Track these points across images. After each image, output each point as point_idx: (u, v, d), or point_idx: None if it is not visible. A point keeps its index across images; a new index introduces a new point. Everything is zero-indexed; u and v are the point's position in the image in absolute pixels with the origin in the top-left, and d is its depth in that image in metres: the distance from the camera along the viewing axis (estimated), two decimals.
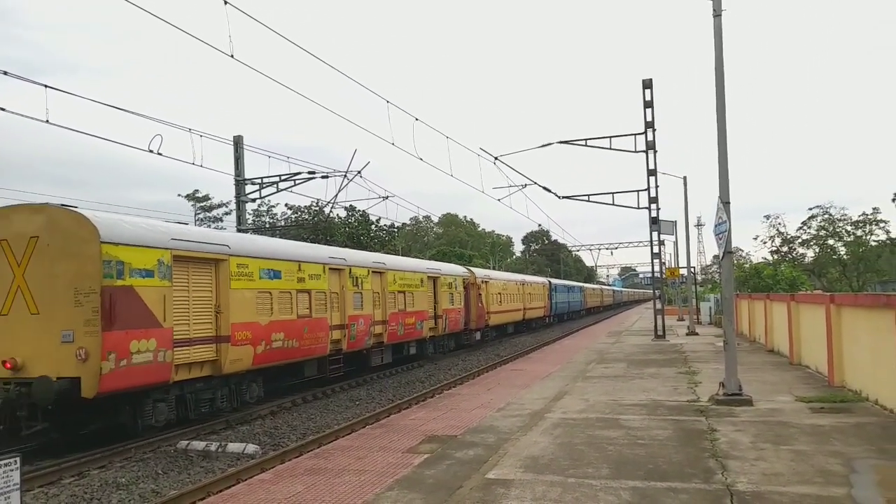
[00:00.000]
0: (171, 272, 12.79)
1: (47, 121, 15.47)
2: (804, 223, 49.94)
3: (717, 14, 11.36)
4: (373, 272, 21.54)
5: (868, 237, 48.10)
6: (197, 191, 70.96)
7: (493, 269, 62.82)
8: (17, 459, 6.94)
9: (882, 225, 48.13)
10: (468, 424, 10.17)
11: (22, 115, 16.04)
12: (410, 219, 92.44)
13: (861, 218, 48.04)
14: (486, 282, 33.66)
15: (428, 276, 26.47)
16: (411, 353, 25.04)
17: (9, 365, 11.48)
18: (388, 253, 42.32)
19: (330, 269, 18.93)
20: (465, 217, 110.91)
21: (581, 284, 74.93)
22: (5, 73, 15.40)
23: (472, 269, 34.97)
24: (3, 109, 15.54)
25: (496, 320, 35.23)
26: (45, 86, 15.49)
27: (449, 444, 8.87)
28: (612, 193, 27.02)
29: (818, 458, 7.31)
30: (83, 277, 11.42)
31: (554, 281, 56.13)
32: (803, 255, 50.47)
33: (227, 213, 69.25)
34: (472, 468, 7.48)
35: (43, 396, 11.03)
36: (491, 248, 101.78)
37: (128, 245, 11.97)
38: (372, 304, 21.19)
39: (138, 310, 11.92)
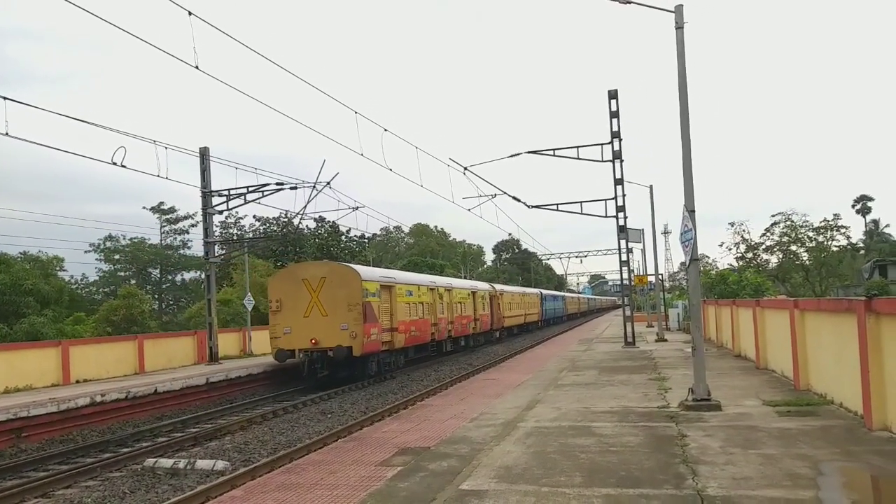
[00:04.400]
0: (379, 293, 23.95)
1: (7, 133, 15.14)
2: (767, 230, 50.90)
3: (679, 26, 11.57)
4: (446, 289, 32.31)
5: (829, 243, 49.22)
6: (162, 203, 69.93)
7: (465, 278, 63.81)
8: None
9: (843, 231, 49.34)
10: (441, 436, 10.12)
11: None
12: (381, 229, 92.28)
13: (822, 224, 49.17)
14: (501, 294, 44.25)
15: (471, 291, 37.10)
16: (461, 345, 35.03)
17: (313, 341, 22.04)
18: (359, 263, 44.77)
19: (428, 288, 29.79)
20: (435, 227, 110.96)
21: (564, 294, 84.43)
22: None
23: (493, 284, 44.91)
24: None
25: (508, 323, 45.91)
26: (4, 97, 15.16)
27: (422, 455, 8.82)
28: (581, 202, 27.27)
29: (786, 461, 7.43)
30: (352, 297, 22.21)
31: (544, 292, 66.88)
32: (767, 261, 51.40)
33: (192, 226, 68.38)
34: (446, 480, 7.44)
35: (340, 355, 21.54)
36: (462, 258, 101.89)
37: (368, 280, 23.18)
38: (447, 310, 31.90)
39: (372, 313, 22.90)
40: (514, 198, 27.29)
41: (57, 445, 14.68)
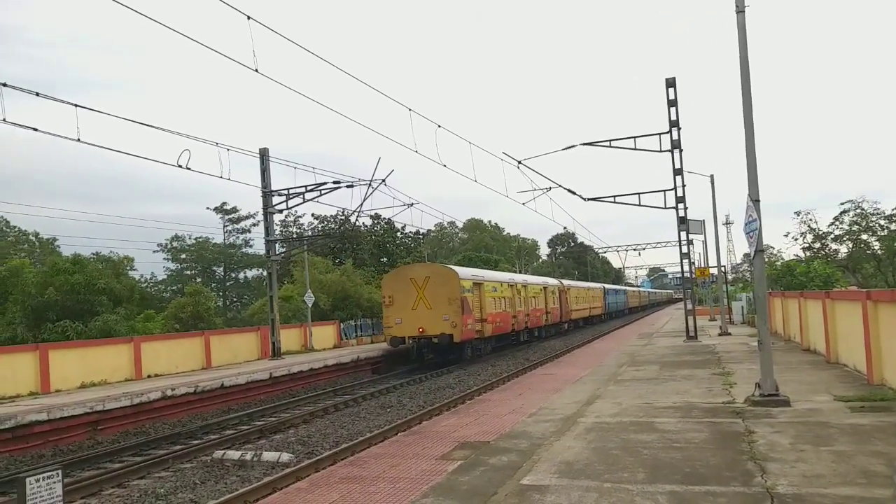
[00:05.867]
0: (472, 289, 28.09)
1: (78, 139, 15.81)
2: (836, 218, 49.01)
3: (741, 10, 11.22)
4: (522, 285, 35.89)
5: None
6: (225, 203, 72.06)
7: (519, 272, 64.06)
8: (59, 472, 7.10)
9: None
10: (500, 430, 10.14)
11: (55, 135, 16.41)
12: (435, 225, 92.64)
13: (894, 211, 46.99)
14: (569, 289, 47.86)
15: (543, 286, 40.57)
16: (535, 335, 38.48)
17: (420, 330, 26.31)
18: (415, 259, 46.58)
19: (509, 284, 33.55)
20: (489, 222, 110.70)
21: (625, 288, 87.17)
22: (37, 94, 15.81)
23: (561, 280, 49.14)
24: (35, 129, 15.94)
25: (575, 316, 49.15)
26: (76, 105, 15.86)
27: (482, 450, 8.85)
28: (639, 194, 26.75)
29: (860, 458, 7.15)
30: (452, 293, 26.31)
31: (607, 286, 70.76)
32: (836, 251, 49.49)
33: (254, 225, 70.26)
34: (507, 474, 7.46)
35: (443, 342, 25.85)
36: (517, 252, 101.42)
37: (464, 279, 27.31)
38: (523, 304, 35.32)
39: (468, 306, 27.00)
40: (569, 191, 27.00)
41: (131, 438, 15.32)
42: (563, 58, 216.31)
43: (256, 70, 13.73)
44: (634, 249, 78.98)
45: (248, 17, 13.18)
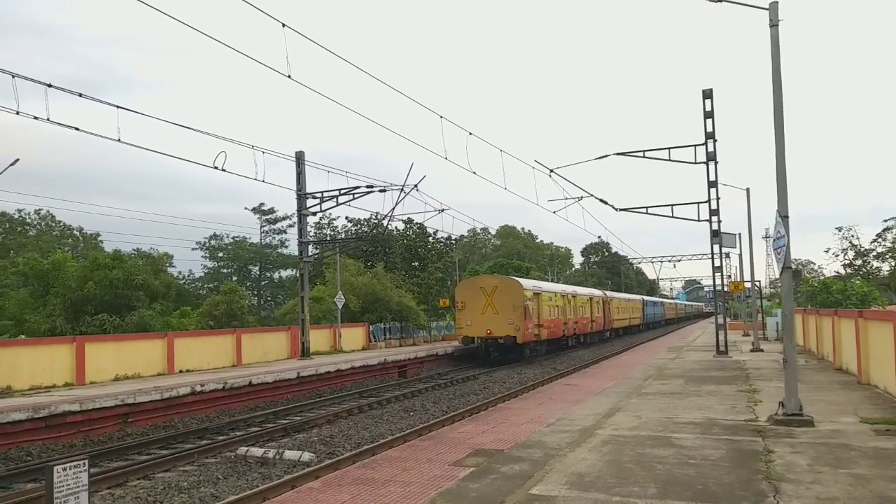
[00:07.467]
0: (532, 298, 32.10)
1: (119, 139, 16.32)
2: (879, 235, 47.87)
3: (774, 24, 11.11)
4: (572, 295, 39.86)
5: None
6: (262, 204, 73.22)
7: (552, 281, 64.15)
8: (86, 462, 7.36)
9: None
10: (516, 439, 10.17)
11: (97, 135, 16.97)
12: (468, 231, 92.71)
13: None
14: (611, 300, 51.15)
15: (589, 297, 44.27)
16: (581, 341, 42.27)
17: (488, 332, 30.35)
18: (445, 264, 47.42)
19: (561, 294, 37.51)
20: (522, 229, 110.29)
21: (662, 300, 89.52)
22: (80, 94, 16.37)
23: (605, 292, 52.59)
24: (76, 129, 16.49)
25: (616, 325, 52.25)
26: (118, 106, 16.37)
27: (495, 457, 8.90)
28: (672, 205, 26.43)
29: (878, 482, 7.03)
30: (516, 300, 30.46)
31: (646, 298, 74.54)
32: (879, 269, 48.25)
33: (290, 226, 71.20)
34: (516, 483, 7.50)
35: (508, 342, 30.10)
36: (549, 261, 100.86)
37: (526, 289, 31.56)
38: (572, 312, 39.34)
39: (529, 312, 30.93)
40: (601, 200, 26.80)
41: (159, 431, 15.72)
42: (597, 67, 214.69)
43: (289, 76, 14.03)
44: (670, 261, 78.10)
45: (283, 25, 13.48)
